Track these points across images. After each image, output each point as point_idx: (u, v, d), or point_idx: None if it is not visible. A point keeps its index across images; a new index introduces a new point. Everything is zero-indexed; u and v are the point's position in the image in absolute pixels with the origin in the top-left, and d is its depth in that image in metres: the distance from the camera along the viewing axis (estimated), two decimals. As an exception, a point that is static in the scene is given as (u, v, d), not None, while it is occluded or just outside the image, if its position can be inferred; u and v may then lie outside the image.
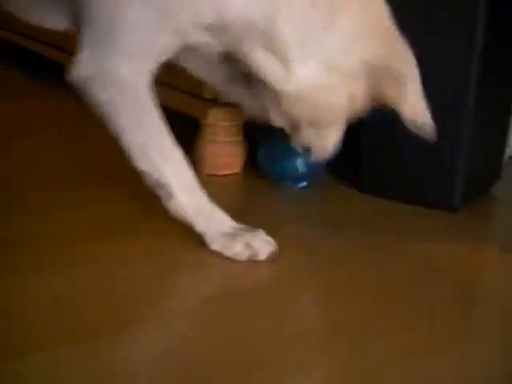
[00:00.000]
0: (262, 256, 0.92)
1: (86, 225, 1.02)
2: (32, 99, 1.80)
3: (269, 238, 0.94)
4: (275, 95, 0.91)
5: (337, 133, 0.97)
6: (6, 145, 1.37)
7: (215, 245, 0.93)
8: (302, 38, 0.87)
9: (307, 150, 1.01)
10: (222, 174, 1.23)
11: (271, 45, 0.87)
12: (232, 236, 0.93)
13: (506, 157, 1.31)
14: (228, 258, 0.92)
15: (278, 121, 0.98)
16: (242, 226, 0.95)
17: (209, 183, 1.16)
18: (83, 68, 0.89)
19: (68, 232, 0.99)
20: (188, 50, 0.95)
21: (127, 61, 0.89)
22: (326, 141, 0.98)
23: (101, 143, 1.05)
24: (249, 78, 0.98)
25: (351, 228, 1.08)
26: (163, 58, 0.92)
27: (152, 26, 0.88)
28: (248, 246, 0.92)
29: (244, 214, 1.08)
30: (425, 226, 1.11)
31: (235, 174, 1.24)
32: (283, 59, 0.88)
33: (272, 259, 0.93)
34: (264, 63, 0.89)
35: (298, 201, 1.18)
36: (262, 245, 0.93)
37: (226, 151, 1.21)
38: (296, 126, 0.98)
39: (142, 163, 0.90)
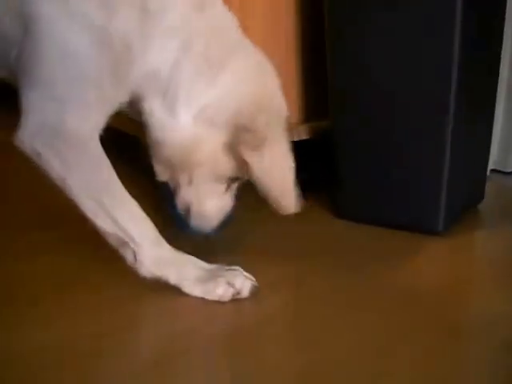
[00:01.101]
0: (245, 293, 0.92)
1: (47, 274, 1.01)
2: None
3: (247, 274, 0.94)
4: (156, 145, 0.96)
5: (216, 202, 1.00)
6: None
7: (196, 291, 0.91)
8: (190, 89, 0.93)
9: (186, 212, 1.02)
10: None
11: (165, 92, 0.93)
12: (209, 278, 0.92)
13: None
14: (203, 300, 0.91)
15: (161, 174, 1.00)
16: (215, 265, 0.94)
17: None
18: (32, 128, 0.86)
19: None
20: None
21: (76, 114, 0.87)
22: (205, 206, 1.00)
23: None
24: None
25: (332, 256, 1.07)
26: (113, 110, 0.91)
27: (101, 78, 0.88)
28: (230, 285, 0.91)
29: (232, 246, 1.08)
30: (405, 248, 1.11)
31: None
32: (171, 107, 0.93)
33: (255, 297, 0.92)
34: (154, 109, 0.94)
35: (273, 229, 1.17)
36: (243, 281, 0.92)
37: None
38: (176, 182, 1.00)
39: (102, 222, 0.88)
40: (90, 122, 0.88)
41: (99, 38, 0.85)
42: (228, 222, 1.07)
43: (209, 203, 1.00)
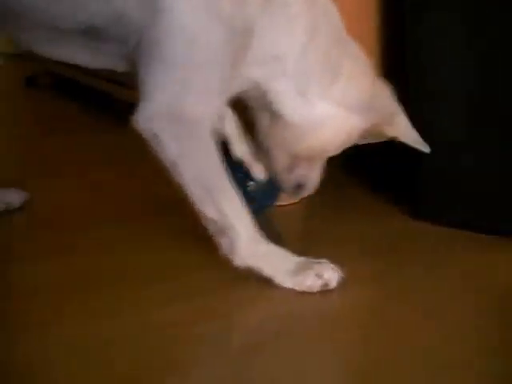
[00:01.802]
0: (333, 284, 0.94)
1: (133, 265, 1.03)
2: (83, 132, 1.86)
3: (334, 266, 0.96)
4: (282, 133, 1.00)
5: (321, 167, 1.08)
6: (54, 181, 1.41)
7: (287, 283, 0.93)
8: (322, 77, 0.98)
9: (296, 187, 1.07)
10: (283, 204, 1.25)
11: (298, 78, 0.97)
12: (299, 270, 0.94)
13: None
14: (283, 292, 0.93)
15: (279, 161, 1.04)
16: (304, 258, 0.96)
17: (270, 213, 1.21)
18: (152, 110, 0.89)
19: (107, 274, 1.00)
20: None
21: (198, 99, 0.91)
22: (317, 179, 1.07)
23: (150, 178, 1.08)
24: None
25: (408, 255, 1.09)
26: (228, 97, 0.95)
27: (225, 64, 0.91)
28: (319, 276, 0.94)
29: (305, 243, 1.12)
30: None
31: (294, 203, 1.27)
32: (305, 93, 0.97)
33: (339, 291, 0.94)
34: (285, 93, 0.97)
35: (353, 229, 1.20)
36: (331, 273, 0.94)
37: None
38: (292, 165, 1.04)
39: (207, 209, 0.91)
40: (209, 107, 0.92)
41: (228, 25, 0.89)
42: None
43: (317, 175, 1.07)
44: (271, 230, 1.05)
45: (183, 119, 0.89)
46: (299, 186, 1.07)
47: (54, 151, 1.66)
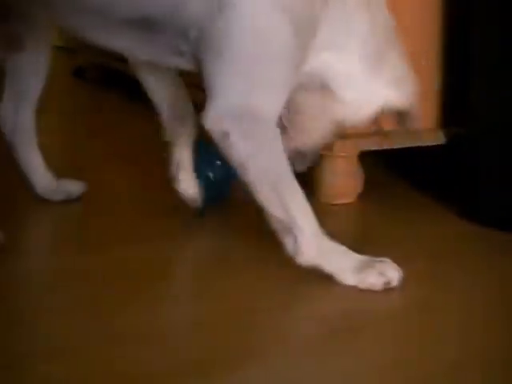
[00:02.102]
0: (395, 282, 0.94)
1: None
2: (131, 123, 1.89)
3: (395, 265, 0.95)
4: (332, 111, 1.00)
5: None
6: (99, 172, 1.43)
7: (349, 280, 0.93)
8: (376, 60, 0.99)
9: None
10: (337, 203, 1.26)
11: (358, 63, 0.98)
12: (362, 268, 0.94)
13: None
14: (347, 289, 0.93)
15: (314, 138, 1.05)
16: (365, 256, 0.96)
17: (324, 212, 1.22)
18: (222, 109, 0.88)
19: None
20: None
21: (266, 96, 0.90)
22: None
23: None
24: None
25: (468, 260, 1.09)
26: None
27: (291, 61, 0.91)
28: (381, 274, 0.94)
29: (362, 242, 1.12)
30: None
31: (351, 203, 1.28)
32: (370, 72, 0.99)
33: (397, 291, 0.94)
34: (343, 78, 0.98)
35: (406, 229, 1.20)
36: (393, 271, 0.94)
37: (344, 181, 1.24)
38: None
39: (273, 207, 0.90)
40: (276, 104, 0.91)
41: (297, 24, 0.89)
42: None
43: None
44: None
45: (253, 118, 0.89)
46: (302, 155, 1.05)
47: (104, 143, 1.68)
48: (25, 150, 1.21)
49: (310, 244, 0.92)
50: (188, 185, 1.11)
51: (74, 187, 1.25)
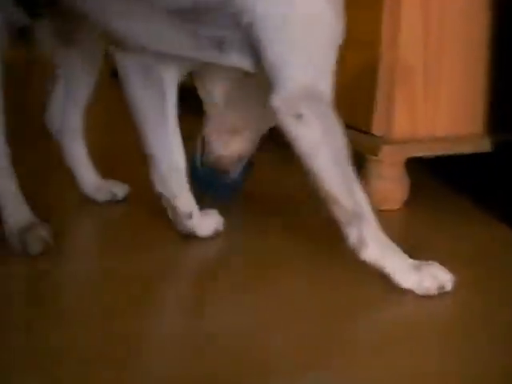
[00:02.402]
0: (449, 286, 0.92)
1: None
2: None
3: (444, 268, 0.94)
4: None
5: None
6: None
7: (406, 283, 0.91)
8: None
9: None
10: (383, 209, 1.25)
11: None
12: (416, 270, 0.92)
13: None
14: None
15: None
16: (416, 260, 0.94)
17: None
18: (292, 92, 0.89)
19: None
20: None
21: (326, 79, 0.91)
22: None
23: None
24: None
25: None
26: None
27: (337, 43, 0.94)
28: (435, 278, 0.92)
29: (408, 248, 1.12)
30: None
31: (396, 209, 1.27)
32: None
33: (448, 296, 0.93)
34: None
35: (451, 234, 1.19)
36: (445, 275, 0.92)
37: (391, 187, 1.24)
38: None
39: (344, 195, 0.89)
40: (331, 87, 0.92)
41: (339, 10, 0.93)
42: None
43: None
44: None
45: (321, 99, 0.90)
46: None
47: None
48: (72, 150, 1.22)
49: (376, 237, 0.91)
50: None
51: (120, 188, 1.25)
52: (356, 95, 1.23)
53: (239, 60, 0.93)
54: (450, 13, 1.19)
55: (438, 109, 1.23)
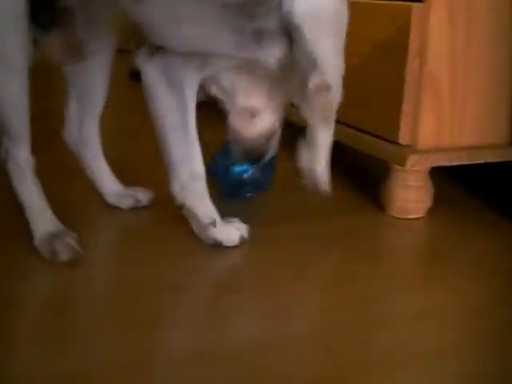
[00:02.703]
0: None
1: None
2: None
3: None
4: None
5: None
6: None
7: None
8: None
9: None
10: (407, 217, 1.26)
11: None
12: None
13: None
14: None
15: None
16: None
17: (394, 226, 1.23)
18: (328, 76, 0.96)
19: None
20: None
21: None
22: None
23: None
24: None
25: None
26: None
27: None
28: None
29: (432, 257, 1.12)
30: None
31: (420, 217, 1.27)
32: None
33: (473, 309, 0.95)
34: None
35: (475, 244, 1.19)
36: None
37: (415, 196, 1.24)
38: None
39: None
40: None
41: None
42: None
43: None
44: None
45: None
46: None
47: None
48: (91, 159, 1.23)
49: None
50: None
51: (143, 194, 1.26)
52: (383, 105, 1.23)
53: (273, 52, 0.96)
54: (477, 24, 1.19)
55: (463, 118, 1.23)
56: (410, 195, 1.24)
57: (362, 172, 1.57)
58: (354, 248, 1.13)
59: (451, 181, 1.40)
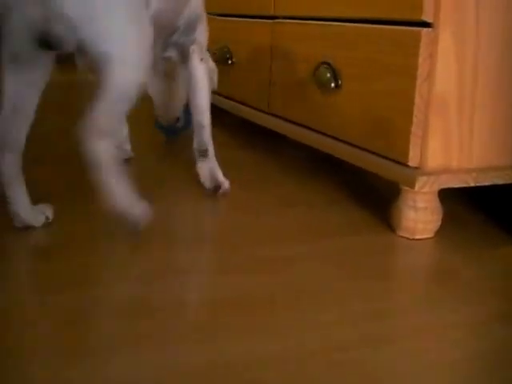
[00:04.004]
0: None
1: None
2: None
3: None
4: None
5: None
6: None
7: None
8: None
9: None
10: (416, 238, 1.27)
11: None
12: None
13: None
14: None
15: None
16: None
17: (403, 247, 1.24)
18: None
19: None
20: None
21: None
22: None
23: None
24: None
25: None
26: None
27: None
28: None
29: (441, 277, 1.14)
30: None
31: (429, 238, 1.29)
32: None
33: (481, 330, 0.95)
34: None
35: (484, 265, 1.20)
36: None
37: (424, 217, 1.25)
38: None
39: None
40: None
41: None
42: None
43: None
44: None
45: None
46: None
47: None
48: None
49: None
50: None
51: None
52: (392, 127, 1.25)
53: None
54: (485, 47, 1.21)
55: (472, 140, 1.25)
56: (419, 216, 1.25)
57: (371, 192, 1.59)
58: (363, 266, 1.14)
59: (460, 201, 1.41)
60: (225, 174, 1.51)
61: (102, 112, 1.05)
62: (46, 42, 1.04)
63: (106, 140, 1.04)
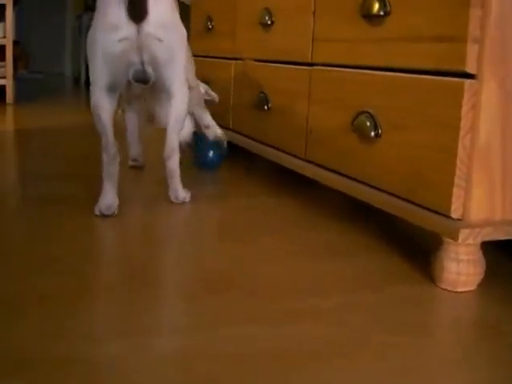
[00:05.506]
0: None
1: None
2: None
3: None
4: None
5: None
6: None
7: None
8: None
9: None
10: (458, 290, 1.25)
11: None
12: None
13: None
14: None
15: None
16: None
17: (445, 299, 1.22)
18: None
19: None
20: None
21: None
22: None
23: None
24: None
25: None
26: None
27: None
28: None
29: (484, 330, 1.11)
30: None
31: (471, 290, 1.26)
32: None
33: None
34: None
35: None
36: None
37: (466, 269, 1.24)
38: None
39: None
40: None
41: None
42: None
43: None
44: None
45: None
46: None
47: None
48: None
49: None
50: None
51: None
52: (435, 178, 1.24)
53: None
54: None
55: (515, 192, 1.23)
56: (462, 268, 1.24)
57: (411, 240, 1.57)
58: (403, 319, 1.12)
59: (504, 253, 1.39)
60: (264, 223, 1.50)
61: (170, 133, 1.70)
62: (140, 78, 1.59)
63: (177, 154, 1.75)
